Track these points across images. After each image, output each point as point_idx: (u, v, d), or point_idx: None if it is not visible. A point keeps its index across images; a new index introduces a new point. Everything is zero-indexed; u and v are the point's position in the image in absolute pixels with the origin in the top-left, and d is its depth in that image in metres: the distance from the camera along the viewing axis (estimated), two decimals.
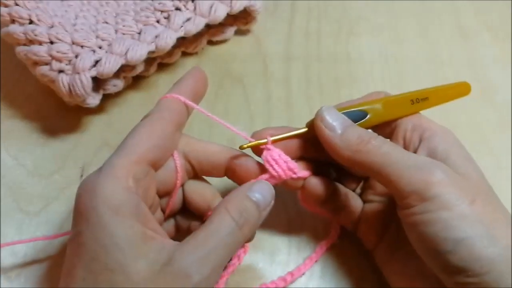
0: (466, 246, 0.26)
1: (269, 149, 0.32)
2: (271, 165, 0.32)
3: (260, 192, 0.30)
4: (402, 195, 0.28)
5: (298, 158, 0.34)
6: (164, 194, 0.32)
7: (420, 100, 0.34)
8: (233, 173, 0.33)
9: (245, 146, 0.32)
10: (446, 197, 0.27)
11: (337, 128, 0.31)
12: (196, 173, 0.33)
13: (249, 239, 0.33)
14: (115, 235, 0.25)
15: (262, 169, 0.33)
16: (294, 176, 0.33)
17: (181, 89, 0.33)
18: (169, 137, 0.31)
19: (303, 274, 0.36)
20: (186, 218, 0.35)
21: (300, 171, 0.33)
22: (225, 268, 0.35)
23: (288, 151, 0.33)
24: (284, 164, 0.32)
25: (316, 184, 0.34)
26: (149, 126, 0.30)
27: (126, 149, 0.29)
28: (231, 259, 0.35)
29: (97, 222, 0.26)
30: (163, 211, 0.33)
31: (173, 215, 0.35)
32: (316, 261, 0.37)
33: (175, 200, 0.33)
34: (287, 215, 0.39)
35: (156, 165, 0.30)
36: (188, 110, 0.33)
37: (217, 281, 0.27)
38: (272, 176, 0.32)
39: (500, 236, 0.26)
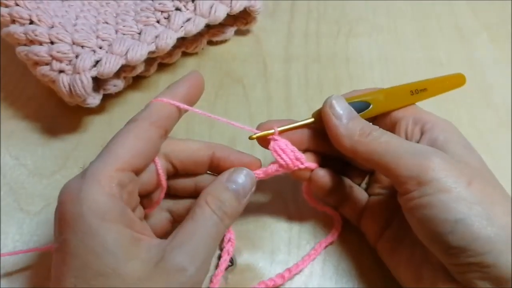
0: (464, 226, 0.27)
1: (276, 140, 0.33)
2: (279, 155, 0.33)
3: (240, 180, 0.31)
4: (400, 181, 0.29)
5: (303, 151, 0.34)
6: (144, 194, 0.32)
7: (419, 91, 0.35)
8: (217, 167, 0.33)
9: (254, 136, 0.33)
10: (443, 180, 0.28)
11: (344, 118, 0.32)
12: (177, 171, 0.34)
13: None
14: (105, 241, 0.26)
15: (248, 160, 0.33)
16: (301, 166, 0.33)
17: (173, 93, 0.32)
18: (155, 144, 0.31)
19: (301, 270, 0.36)
20: (182, 207, 0.35)
21: (307, 161, 0.34)
22: (217, 266, 0.35)
23: (292, 143, 0.33)
24: (292, 153, 0.33)
25: (322, 175, 0.34)
26: (136, 132, 0.30)
27: (110, 155, 0.28)
28: (221, 256, 0.36)
29: (85, 230, 0.26)
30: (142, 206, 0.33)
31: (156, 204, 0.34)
32: (314, 258, 0.37)
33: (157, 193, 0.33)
34: (287, 214, 0.39)
35: (139, 171, 0.30)
36: (180, 114, 0.33)
37: (208, 270, 0.29)
38: (280, 165, 0.33)
39: (498, 216, 0.27)
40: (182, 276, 0.26)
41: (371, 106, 0.34)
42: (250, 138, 0.33)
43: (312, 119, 0.34)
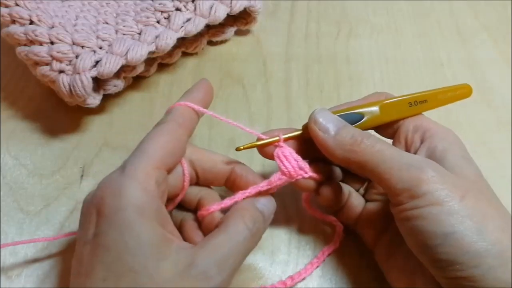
0: (454, 240, 0.27)
1: (281, 147, 0.33)
2: (282, 161, 0.32)
3: (266, 205, 0.32)
4: (394, 192, 0.29)
5: (309, 161, 0.34)
6: (169, 197, 0.33)
7: (419, 102, 0.34)
8: (233, 183, 0.34)
9: (241, 148, 0.33)
10: (436, 193, 0.28)
11: (331, 130, 0.32)
12: (198, 179, 0.34)
13: None
14: (139, 237, 0.26)
15: (262, 180, 0.33)
16: (305, 175, 0.33)
17: (191, 98, 0.34)
18: (183, 144, 0.32)
19: (303, 279, 0.36)
20: (177, 214, 0.35)
21: (311, 172, 0.33)
22: None
23: (297, 152, 0.33)
24: (295, 162, 0.33)
25: (329, 193, 0.35)
26: (167, 132, 0.31)
27: (147, 154, 0.29)
28: None
29: (123, 223, 0.26)
30: None
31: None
32: (317, 267, 0.37)
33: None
34: (287, 215, 0.39)
35: (170, 170, 0.31)
36: (198, 117, 0.34)
37: (230, 283, 0.29)
38: (282, 173, 0.33)
39: (489, 231, 0.27)
40: (207, 285, 0.27)
41: (364, 119, 0.33)
42: (237, 149, 0.33)
43: (301, 131, 0.34)
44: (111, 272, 0.26)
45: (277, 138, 0.33)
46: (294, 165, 0.33)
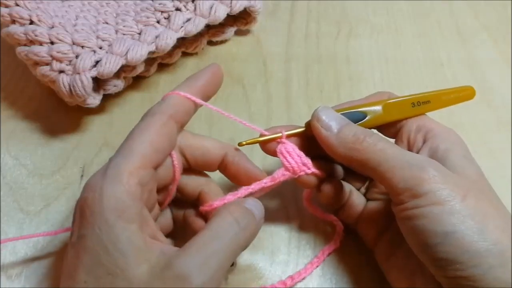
0: (454, 239, 0.27)
1: (283, 143, 0.33)
2: (285, 157, 0.33)
3: (254, 205, 0.31)
4: (395, 191, 0.29)
5: (311, 158, 0.34)
6: (160, 189, 0.32)
7: (422, 103, 0.34)
8: (225, 168, 0.34)
9: (244, 143, 0.33)
10: (438, 193, 0.28)
11: (333, 127, 0.32)
12: (189, 166, 0.34)
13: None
14: (119, 241, 0.26)
15: (254, 171, 0.33)
16: (308, 171, 0.33)
17: (191, 86, 0.32)
18: (174, 138, 0.31)
19: (303, 278, 0.36)
20: (179, 207, 0.35)
21: (313, 168, 0.33)
22: None
23: (299, 149, 0.33)
24: (298, 158, 0.33)
25: (330, 190, 0.34)
26: (156, 126, 0.29)
27: (132, 152, 0.28)
28: None
29: (102, 226, 0.26)
30: (159, 204, 0.33)
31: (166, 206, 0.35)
32: (317, 266, 0.37)
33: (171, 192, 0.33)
34: (287, 214, 0.39)
35: (158, 166, 0.31)
36: (196, 108, 0.33)
37: (220, 284, 0.27)
38: (286, 169, 0.33)
39: (490, 231, 0.27)
40: (185, 286, 0.25)
41: (367, 118, 0.33)
42: (239, 145, 0.33)
43: (303, 129, 0.34)
44: (91, 275, 0.26)
45: (280, 134, 0.33)
46: (297, 160, 0.33)
